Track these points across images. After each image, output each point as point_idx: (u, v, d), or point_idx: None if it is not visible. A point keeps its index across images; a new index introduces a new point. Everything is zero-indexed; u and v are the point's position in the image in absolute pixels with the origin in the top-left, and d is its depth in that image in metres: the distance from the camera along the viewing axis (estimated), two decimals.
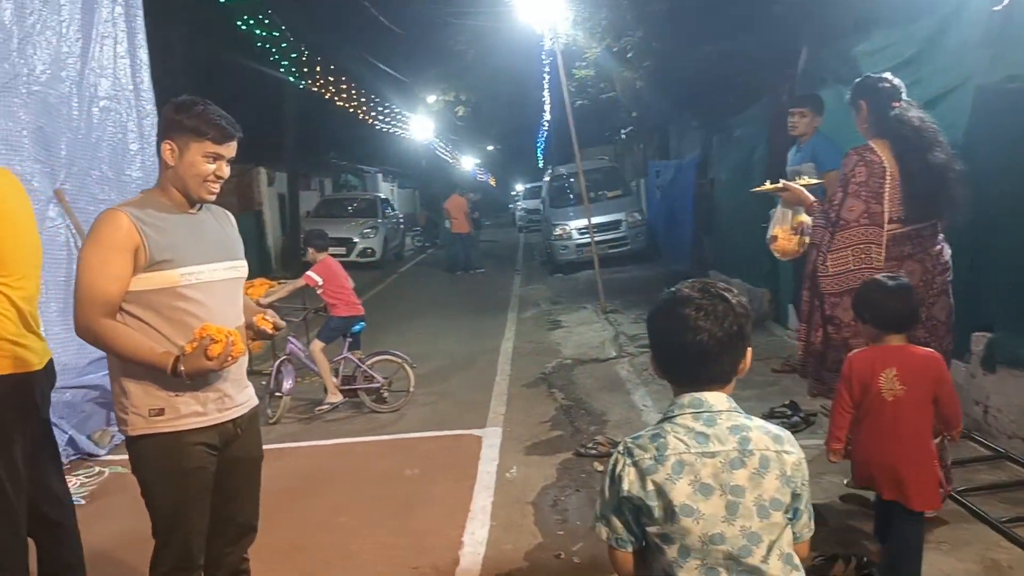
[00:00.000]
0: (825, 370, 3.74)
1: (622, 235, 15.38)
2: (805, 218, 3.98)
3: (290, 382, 6.72)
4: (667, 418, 1.79)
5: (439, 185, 33.29)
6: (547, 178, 18.66)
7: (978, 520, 3.63)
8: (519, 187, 44.54)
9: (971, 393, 4.80)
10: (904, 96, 3.69)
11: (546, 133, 31.59)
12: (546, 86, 21.03)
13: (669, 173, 14.71)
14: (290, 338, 6.86)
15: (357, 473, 5.37)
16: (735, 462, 1.70)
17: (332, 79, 21.46)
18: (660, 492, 1.70)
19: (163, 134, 2.61)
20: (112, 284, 2.50)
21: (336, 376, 6.89)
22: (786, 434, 1.78)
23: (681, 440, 1.72)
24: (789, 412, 5.44)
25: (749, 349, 1.82)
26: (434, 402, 7.04)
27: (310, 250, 6.95)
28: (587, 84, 12.76)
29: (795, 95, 6.05)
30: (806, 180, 4.12)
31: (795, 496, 1.73)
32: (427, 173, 41.26)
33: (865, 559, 3.31)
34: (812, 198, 3.89)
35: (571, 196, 16.26)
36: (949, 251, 3.72)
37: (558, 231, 15.42)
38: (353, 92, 22.98)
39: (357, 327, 6.95)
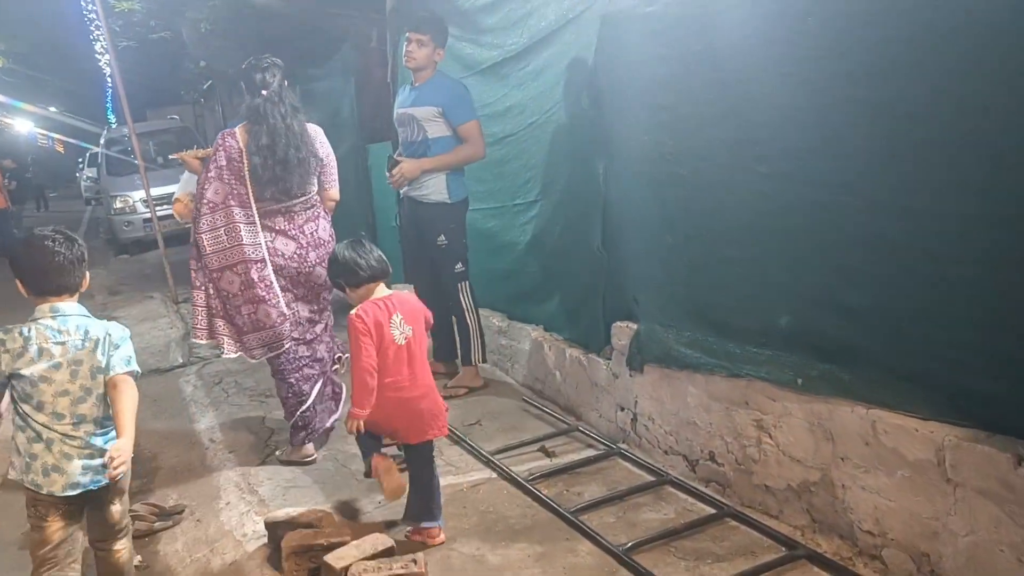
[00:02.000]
0: (241, 332, 3.99)
1: None
2: None
3: None
4: (33, 320, 2.55)
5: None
6: (103, 140, 15.66)
7: None
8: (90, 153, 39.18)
9: (615, 396, 3.92)
10: (274, 89, 3.91)
11: (111, 88, 27.28)
12: (95, 28, 17.72)
13: None
14: None
15: None
16: (79, 345, 2.54)
17: None
18: (29, 365, 2.49)
19: None
20: None
21: None
22: (116, 327, 2.65)
23: (42, 334, 2.52)
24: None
25: (88, 274, 2.68)
26: None
27: None
28: (135, 22, 10.40)
29: (411, 20, 4.82)
30: (206, 152, 4.11)
31: (110, 359, 2.57)
32: None
33: None
34: (200, 168, 4.03)
35: (136, 162, 13.64)
36: (327, 227, 4.12)
37: (119, 203, 12.82)
38: None
39: None
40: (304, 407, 4.06)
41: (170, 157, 4.73)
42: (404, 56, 4.76)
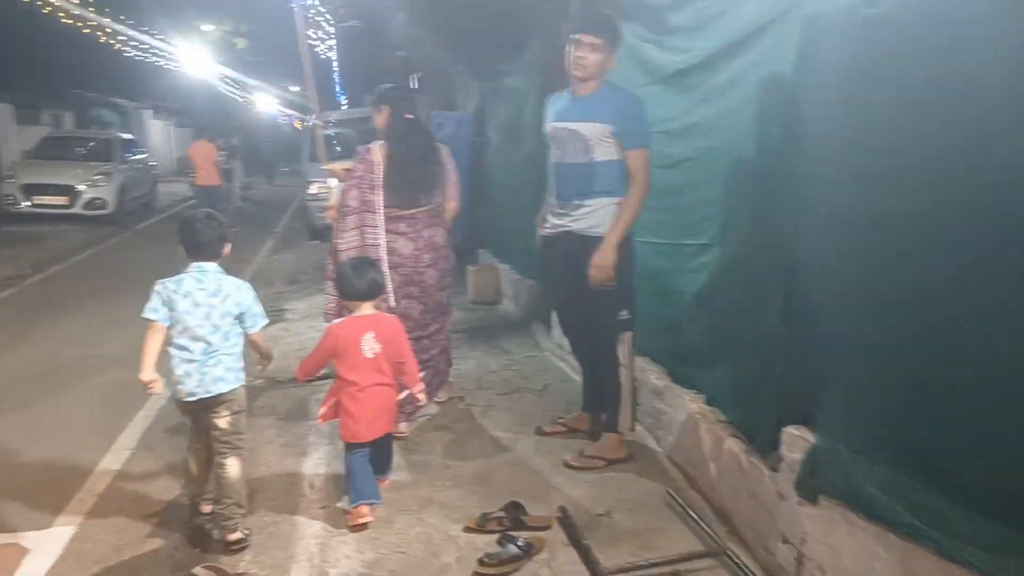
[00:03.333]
0: None
1: None
2: None
3: None
4: (186, 272, 3.33)
5: (228, 125, 29.87)
6: (309, 124, 15.94)
7: None
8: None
9: (779, 522, 2.97)
10: (417, 114, 4.62)
11: (336, 71, 28.18)
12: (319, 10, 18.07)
13: (450, 127, 12.51)
14: None
15: None
16: (214, 294, 3.32)
17: None
18: (179, 302, 3.28)
19: None
20: None
21: None
22: (245, 286, 3.44)
23: (190, 284, 3.30)
24: (508, 530, 3.45)
25: (228, 243, 3.44)
26: None
27: None
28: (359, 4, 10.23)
29: (582, 20, 4.05)
30: (351, 164, 4.60)
31: (242, 312, 3.39)
32: (213, 112, 37.35)
33: None
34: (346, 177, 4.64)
35: (338, 148, 13.67)
36: (444, 235, 4.66)
37: (314, 189, 12.83)
38: (91, 10, 19.16)
39: None
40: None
41: (321, 168, 5.62)
42: (572, 63, 3.95)
